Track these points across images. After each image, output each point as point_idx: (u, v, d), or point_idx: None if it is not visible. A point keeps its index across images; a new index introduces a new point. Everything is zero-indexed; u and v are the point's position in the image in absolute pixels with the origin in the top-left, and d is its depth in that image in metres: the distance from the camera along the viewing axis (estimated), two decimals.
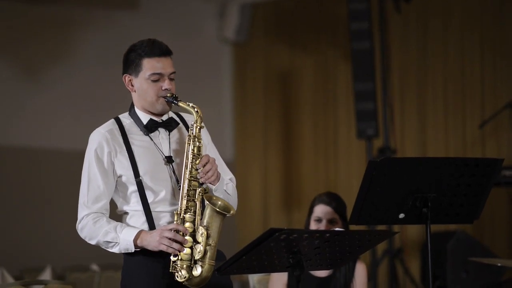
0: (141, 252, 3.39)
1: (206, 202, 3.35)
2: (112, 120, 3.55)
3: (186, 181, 3.38)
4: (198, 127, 3.45)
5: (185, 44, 8.83)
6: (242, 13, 9.67)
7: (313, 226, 4.22)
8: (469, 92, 8.14)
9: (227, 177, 3.58)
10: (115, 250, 3.42)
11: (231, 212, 3.36)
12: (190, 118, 3.58)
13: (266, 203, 9.51)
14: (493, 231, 7.85)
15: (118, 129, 3.50)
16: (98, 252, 4.10)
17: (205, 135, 3.57)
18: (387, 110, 7.85)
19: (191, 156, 3.41)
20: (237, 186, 3.62)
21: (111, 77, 8.37)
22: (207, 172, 3.38)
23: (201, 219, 3.36)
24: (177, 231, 3.32)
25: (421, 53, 8.47)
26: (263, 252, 3.07)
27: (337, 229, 4.12)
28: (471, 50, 8.14)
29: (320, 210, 4.22)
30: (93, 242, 3.45)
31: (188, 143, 3.43)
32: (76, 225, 3.47)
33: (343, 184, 8.77)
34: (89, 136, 3.53)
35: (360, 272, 4.24)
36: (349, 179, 8.74)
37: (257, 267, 3.20)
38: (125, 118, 3.56)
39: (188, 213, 3.36)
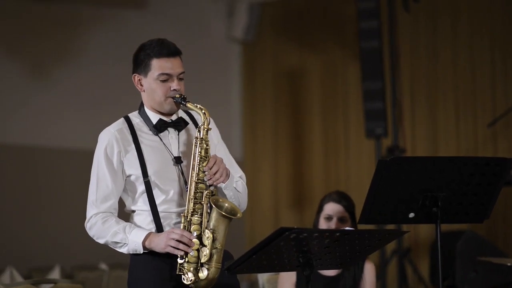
0: (148, 252, 3.40)
1: (213, 205, 3.35)
2: (122, 119, 3.56)
3: (193, 184, 3.39)
4: (206, 129, 3.45)
5: (194, 44, 8.83)
6: (250, 12, 9.65)
7: (322, 224, 4.22)
8: (479, 90, 8.10)
9: (237, 174, 3.57)
10: (123, 250, 3.44)
11: (238, 215, 3.36)
12: (199, 117, 3.57)
13: (276, 203, 9.49)
14: (505, 231, 7.81)
15: (127, 128, 3.50)
16: (106, 251, 4.10)
17: (214, 133, 3.58)
18: (396, 109, 7.82)
19: (198, 158, 3.41)
20: (247, 185, 3.61)
21: (117, 76, 8.40)
22: (215, 173, 3.39)
23: (208, 221, 3.36)
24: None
25: (430, 52, 8.44)
26: (273, 251, 3.06)
27: (347, 228, 4.12)
28: (481, 48, 8.11)
29: (331, 208, 4.22)
30: (101, 242, 3.46)
31: (195, 145, 3.43)
32: (85, 223, 3.48)
33: (354, 183, 8.75)
34: (96, 135, 3.53)
35: (369, 271, 4.23)
36: (359, 178, 8.72)
37: (266, 266, 3.20)
38: (134, 117, 3.56)
39: (195, 216, 3.36)
